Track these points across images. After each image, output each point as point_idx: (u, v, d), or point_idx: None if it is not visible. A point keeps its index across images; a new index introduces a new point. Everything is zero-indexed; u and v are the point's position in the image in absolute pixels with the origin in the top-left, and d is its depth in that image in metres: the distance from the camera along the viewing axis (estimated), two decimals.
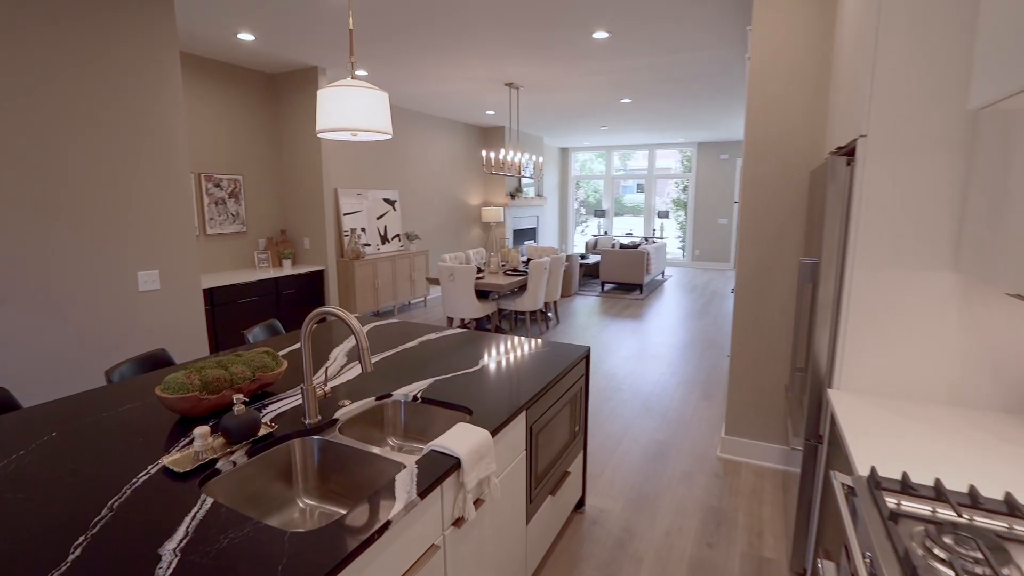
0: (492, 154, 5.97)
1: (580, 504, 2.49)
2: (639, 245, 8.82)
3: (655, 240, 9.82)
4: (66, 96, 2.51)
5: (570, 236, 12.54)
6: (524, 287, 5.66)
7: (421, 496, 1.17)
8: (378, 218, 6.48)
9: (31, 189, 2.44)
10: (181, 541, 1.01)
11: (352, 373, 1.98)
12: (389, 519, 1.08)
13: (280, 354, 2.02)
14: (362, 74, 5.24)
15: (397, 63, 4.82)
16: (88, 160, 2.61)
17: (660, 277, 9.80)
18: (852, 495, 1.14)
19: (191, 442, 1.42)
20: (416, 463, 1.29)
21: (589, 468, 2.86)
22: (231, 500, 1.31)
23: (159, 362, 2.21)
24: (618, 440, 3.19)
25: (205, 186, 4.53)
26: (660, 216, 11.45)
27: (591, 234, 12.80)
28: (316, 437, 1.49)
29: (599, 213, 12.04)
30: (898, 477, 1.15)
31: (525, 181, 9.65)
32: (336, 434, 1.52)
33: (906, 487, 1.08)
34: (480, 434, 1.42)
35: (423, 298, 7.18)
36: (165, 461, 1.30)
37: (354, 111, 2.04)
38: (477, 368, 2.02)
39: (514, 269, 5.95)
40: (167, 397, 1.51)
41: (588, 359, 2.32)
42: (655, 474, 2.79)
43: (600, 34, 3.98)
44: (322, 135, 2.18)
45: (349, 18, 2.07)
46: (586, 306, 7.25)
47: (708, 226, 10.96)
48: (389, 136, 2.18)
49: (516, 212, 9.49)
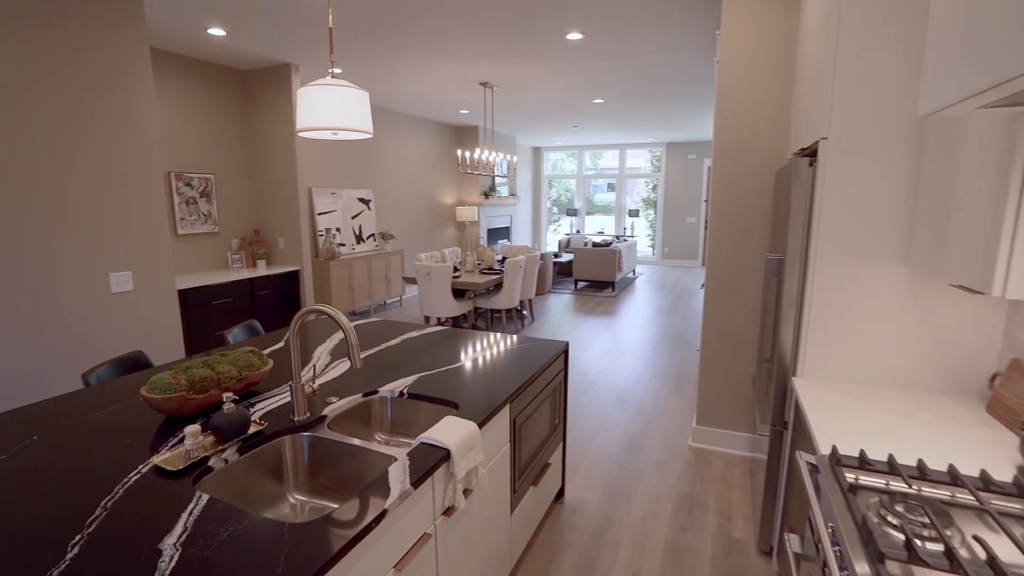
0: (467, 153, 6.00)
1: (560, 494, 2.56)
2: (611, 244, 8.99)
3: (626, 239, 10.01)
4: (33, 93, 2.44)
5: (543, 235, 12.66)
6: (500, 285, 5.71)
7: (414, 486, 1.22)
8: (353, 218, 6.43)
9: None
10: (180, 536, 1.03)
11: (337, 371, 2.00)
12: (385, 508, 1.12)
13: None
14: (335, 71, 5.19)
15: (371, 61, 4.80)
16: (56, 158, 2.54)
17: (631, 275, 10.00)
18: (815, 472, 1.24)
19: (180, 441, 1.43)
20: (407, 455, 1.33)
21: (568, 460, 2.94)
22: (225, 497, 1.33)
23: (137, 364, 2.18)
24: (594, 432, 3.28)
25: (175, 185, 4.43)
26: (631, 215, 11.67)
27: (564, 233, 12.94)
28: (306, 433, 1.52)
29: (571, 212, 12.19)
30: (856, 454, 1.26)
31: (499, 180, 9.71)
32: (325, 430, 1.55)
33: (863, 463, 1.18)
34: (468, 426, 1.47)
35: (399, 298, 7.16)
36: (156, 460, 1.31)
37: (335, 110, 2.05)
38: (460, 364, 2.07)
39: (490, 268, 6.00)
40: (153, 397, 1.51)
41: (567, 354, 2.40)
42: (630, 464, 2.89)
43: (574, 35, 4.06)
44: (302, 134, 2.19)
45: (329, 16, 2.09)
46: (560, 304, 7.36)
47: (677, 224, 11.23)
48: (370, 135, 2.20)
49: (490, 211, 9.54)
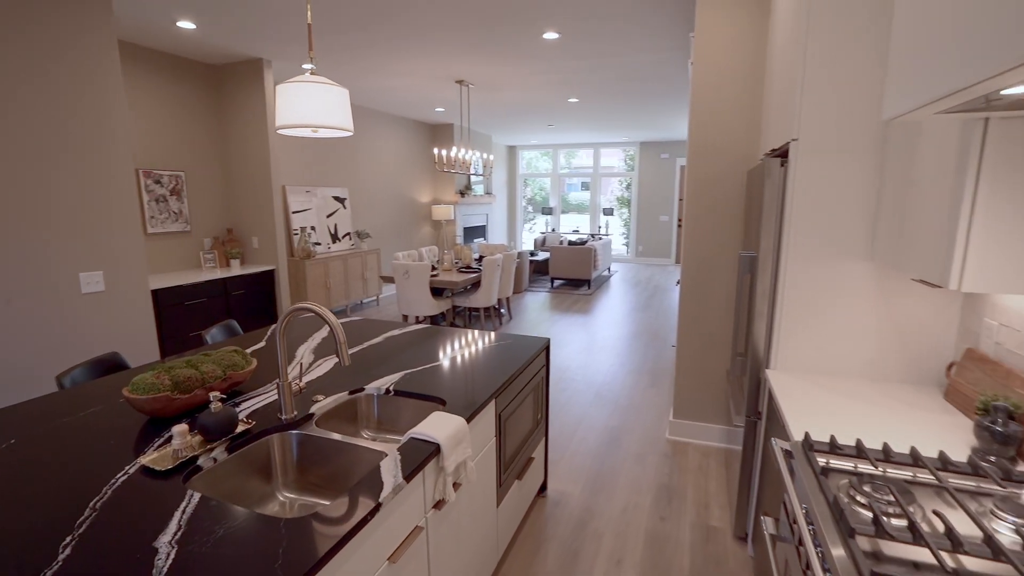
0: (444, 151, 6.00)
1: (543, 488, 2.61)
2: (586, 242, 9.10)
3: (601, 237, 10.15)
4: None
5: (518, 233, 12.71)
6: (478, 284, 5.73)
7: (407, 480, 1.24)
8: (328, 216, 6.35)
9: None
10: (175, 534, 1.03)
11: (322, 370, 2.00)
12: (380, 501, 1.14)
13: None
14: (309, 67, 5.12)
15: (346, 58, 4.76)
16: (21, 154, 2.45)
17: (606, 273, 10.14)
18: (790, 457, 1.31)
19: (167, 441, 1.42)
20: (398, 450, 1.35)
21: (550, 454, 2.99)
22: (215, 496, 1.32)
23: (113, 366, 2.13)
24: (574, 427, 3.34)
25: (144, 182, 4.30)
26: (605, 213, 11.82)
27: (539, 231, 13.02)
28: (294, 431, 1.52)
29: (546, 211, 12.28)
30: (827, 440, 1.34)
31: (474, 179, 9.71)
32: (313, 428, 1.56)
33: (833, 448, 1.26)
34: (456, 421, 1.50)
35: (376, 297, 7.10)
36: (143, 461, 1.30)
37: (315, 107, 2.05)
38: (444, 361, 2.09)
39: (467, 266, 6.01)
40: (137, 398, 1.49)
41: (548, 350, 2.44)
42: (610, 457, 2.95)
43: (550, 35, 4.11)
44: (282, 131, 2.18)
45: (307, 12, 2.07)
46: (537, 302, 7.42)
47: (650, 223, 11.43)
48: (350, 133, 2.21)
49: (466, 210, 9.53)
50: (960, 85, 0.84)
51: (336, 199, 6.52)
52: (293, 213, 5.83)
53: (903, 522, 0.99)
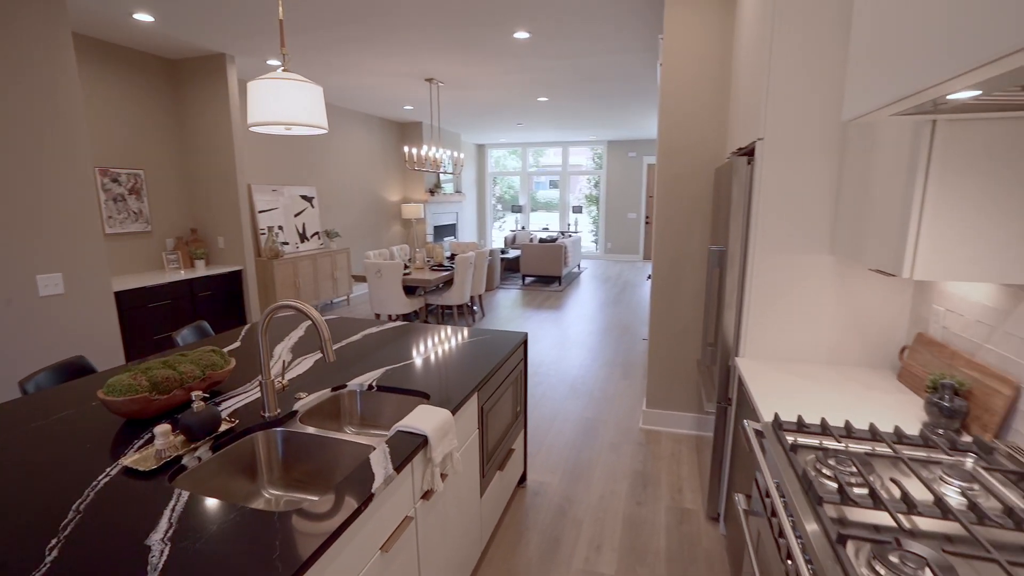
0: (414, 150, 5.97)
1: (522, 479, 2.66)
2: (557, 239, 9.20)
3: (571, 234, 10.27)
4: None
5: (488, 232, 12.73)
6: (451, 282, 5.74)
7: (397, 471, 1.26)
8: (296, 215, 6.23)
9: None
10: (167, 532, 1.03)
11: (302, 368, 1.99)
12: (372, 492, 1.16)
13: None
14: (274, 63, 5.02)
15: (313, 54, 4.68)
16: None
17: (576, 269, 10.27)
18: (761, 436, 1.39)
19: (147, 443, 1.40)
20: (386, 443, 1.37)
21: (528, 446, 3.04)
22: (202, 494, 1.31)
23: (79, 369, 2.07)
24: (551, 420, 3.41)
25: (101, 181, 4.13)
26: (574, 211, 11.96)
27: (509, 229, 13.07)
28: (279, 429, 1.52)
29: (516, 209, 12.34)
30: (795, 420, 1.42)
31: (444, 177, 9.68)
32: (298, 425, 1.56)
33: (801, 426, 1.35)
34: (442, 413, 1.52)
35: (346, 296, 7.00)
36: (125, 462, 1.28)
37: (290, 105, 2.04)
38: (424, 357, 2.11)
39: (439, 264, 6.00)
40: (113, 400, 1.46)
41: (526, 344, 2.49)
42: (586, 447, 3.03)
43: (521, 34, 4.15)
44: (254, 128, 2.15)
45: (279, 8, 2.05)
46: (509, 299, 7.47)
47: (619, 220, 11.63)
48: (325, 131, 2.20)
49: (436, 208, 9.49)
50: (911, 90, 0.92)
51: (304, 198, 6.40)
52: (260, 212, 5.70)
53: (864, 490, 1.07)
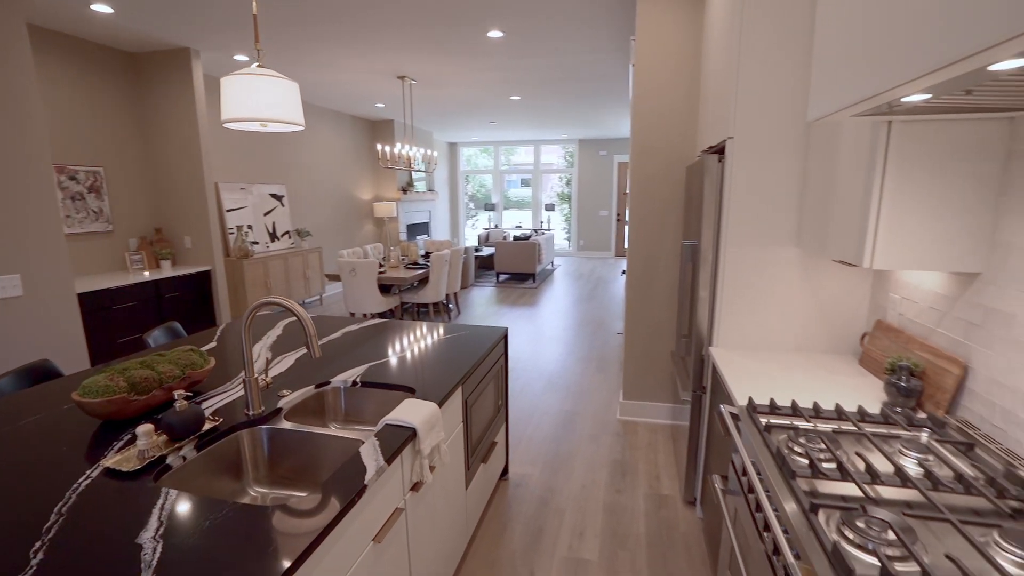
0: (387, 148, 5.93)
1: (504, 472, 2.69)
2: (530, 237, 9.26)
3: (544, 232, 10.35)
4: None
5: (461, 230, 12.71)
6: (426, 280, 5.72)
7: (388, 462, 1.28)
8: (265, 214, 6.10)
9: None
10: (158, 530, 1.02)
11: (283, 366, 1.98)
12: (365, 483, 1.17)
13: None
14: (242, 59, 4.91)
15: (282, 49, 4.60)
16: None
17: (550, 266, 10.36)
18: (736, 419, 1.46)
19: (128, 444, 1.37)
20: (376, 436, 1.38)
21: (509, 440, 3.07)
22: (189, 493, 1.30)
23: (45, 373, 2.00)
24: (530, 414, 3.45)
25: (58, 179, 3.97)
26: (547, 209, 12.05)
27: (482, 228, 13.08)
28: (265, 426, 1.51)
29: (489, 207, 12.35)
30: (767, 403, 1.50)
31: (416, 175, 9.62)
32: (283, 422, 1.55)
33: (773, 409, 1.42)
34: (429, 406, 1.54)
35: (319, 296, 6.90)
36: (107, 463, 1.25)
37: (266, 101, 2.02)
38: (406, 352, 2.12)
39: (414, 263, 5.98)
40: (90, 401, 1.43)
41: (506, 339, 2.52)
42: (566, 439, 3.08)
43: (495, 33, 4.18)
44: (228, 125, 2.12)
45: (253, 2, 2.03)
46: (483, 296, 7.49)
47: (590, 218, 11.78)
48: (302, 127, 2.18)
49: (408, 207, 9.43)
50: (869, 93, 1.00)
51: (273, 196, 6.27)
52: (228, 211, 5.56)
53: (833, 464, 1.15)
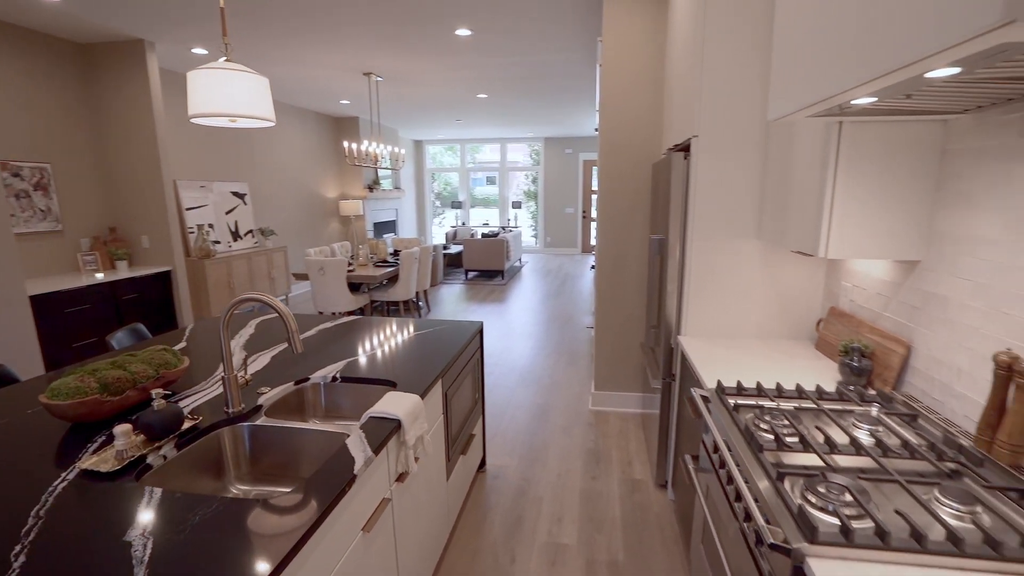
0: (354, 145, 5.85)
1: (482, 464, 2.73)
2: (498, 234, 9.30)
3: (511, 229, 10.41)
4: None
5: (428, 228, 12.63)
6: (396, 278, 5.69)
7: (375, 453, 1.30)
8: (227, 213, 5.92)
9: None
10: (146, 527, 1.02)
11: (260, 364, 1.96)
12: (354, 474, 1.19)
13: None
14: (201, 52, 4.76)
15: (243, 43, 4.48)
16: None
17: (518, 263, 10.43)
18: (707, 401, 1.55)
19: (103, 445, 1.35)
20: (361, 428, 1.40)
21: (485, 433, 3.11)
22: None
23: (1, 378, 1.92)
24: (504, 407, 3.50)
25: (0, 175, 3.76)
26: (514, 207, 12.12)
27: (449, 225, 13.03)
28: (245, 424, 1.50)
29: (456, 205, 12.33)
30: (734, 385, 1.59)
31: (383, 173, 9.50)
32: (264, 419, 1.55)
33: (740, 390, 1.51)
34: (412, 398, 1.57)
35: (285, 296, 6.75)
36: (83, 465, 1.23)
37: (236, 96, 1.99)
38: (383, 348, 2.13)
39: (383, 261, 5.93)
40: (60, 404, 1.39)
41: (482, 333, 2.56)
42: (540, 431, 3.15)
43: (463, 31, 4.19)
44: (196, 120, 2.08)
45: None
46: (453, 293, 7.49)
47: (557, 215, 11.91)
48: (272, 123, 2.16)
49: (375, 205, 9.31)
50: (822, 96, 1.08)
51: (235, 195, 6.10)
52: (187, 210, 5.37)
53: (796, 438, 1.24)
